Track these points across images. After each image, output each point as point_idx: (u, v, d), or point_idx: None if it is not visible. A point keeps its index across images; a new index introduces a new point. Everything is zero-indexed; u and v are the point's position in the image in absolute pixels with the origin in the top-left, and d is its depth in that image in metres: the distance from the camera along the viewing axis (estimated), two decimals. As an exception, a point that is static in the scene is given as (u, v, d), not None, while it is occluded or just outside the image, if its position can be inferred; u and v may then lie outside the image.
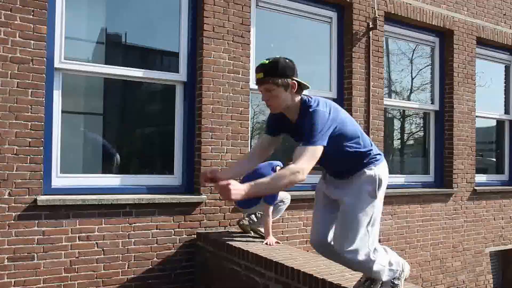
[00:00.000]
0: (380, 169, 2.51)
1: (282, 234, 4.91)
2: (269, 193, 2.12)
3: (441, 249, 6.37)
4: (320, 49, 5.67)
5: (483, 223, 6.91)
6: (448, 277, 6.44)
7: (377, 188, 2.47)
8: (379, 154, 2.56)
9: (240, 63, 4.75)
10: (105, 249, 4.04)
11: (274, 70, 2.34)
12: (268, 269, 3.41)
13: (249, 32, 4.83)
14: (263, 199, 4.04)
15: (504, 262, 7.40)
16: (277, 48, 5.36)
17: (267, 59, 2.39)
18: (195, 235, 4.44)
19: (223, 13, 4.67)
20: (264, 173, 3.60)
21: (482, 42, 7.10)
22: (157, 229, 4.28)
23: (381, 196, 2.50)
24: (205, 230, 4.48)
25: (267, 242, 4.01)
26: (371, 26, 5.68)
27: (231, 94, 4.68)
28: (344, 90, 5.62)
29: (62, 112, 4.10)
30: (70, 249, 3.90)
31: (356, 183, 2.48)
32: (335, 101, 5.01)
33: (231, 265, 3.88)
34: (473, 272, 6.75)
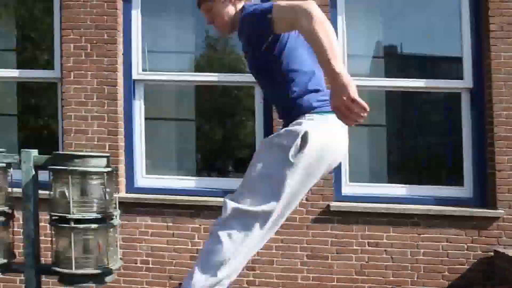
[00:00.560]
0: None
1: None
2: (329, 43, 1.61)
3: None
4: None
5: None
6: None
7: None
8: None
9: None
10: (393, 257, 4.06)
11: None
12: None
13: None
14: None
15: None
16: None
17: None
18: (492, 253, 4.00)
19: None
20: None
21: None
22: (447, 242, 4.04)
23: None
24: (504, 248, 3.99)
25: None
26: None
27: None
28: None
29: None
30: (360, 253, 4.08)
31: None
32: None
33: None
34: None
